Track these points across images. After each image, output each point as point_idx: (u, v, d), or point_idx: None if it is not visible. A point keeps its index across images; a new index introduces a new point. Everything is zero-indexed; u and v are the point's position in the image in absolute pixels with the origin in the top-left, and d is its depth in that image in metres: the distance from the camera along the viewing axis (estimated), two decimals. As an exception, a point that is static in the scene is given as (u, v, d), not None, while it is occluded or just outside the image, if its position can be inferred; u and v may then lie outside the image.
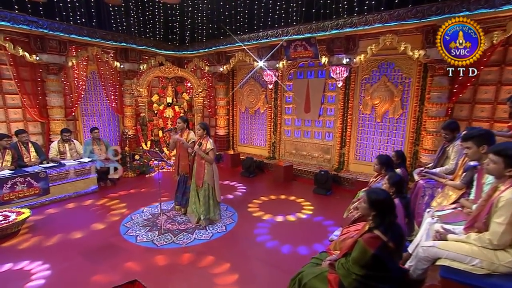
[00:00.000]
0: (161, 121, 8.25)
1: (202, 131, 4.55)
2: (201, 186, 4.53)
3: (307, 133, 7.60)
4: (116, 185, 6.54)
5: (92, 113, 7.84)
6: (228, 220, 4.92)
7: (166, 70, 8.11)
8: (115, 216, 5.02)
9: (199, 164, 4.54)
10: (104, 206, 5.43)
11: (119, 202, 5.61)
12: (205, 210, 4.62)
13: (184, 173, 4.89)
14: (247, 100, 8.62)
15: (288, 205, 5.63)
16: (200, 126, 4.56)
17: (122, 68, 7.78)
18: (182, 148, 4.78)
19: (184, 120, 4.78)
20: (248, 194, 6.28)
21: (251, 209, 5.35)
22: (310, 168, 7.24)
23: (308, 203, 5.73)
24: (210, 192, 4.61)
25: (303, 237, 4.35)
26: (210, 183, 4.55)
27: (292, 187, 6.78)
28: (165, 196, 5.81)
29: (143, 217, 5.03)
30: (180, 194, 5.00)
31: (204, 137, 4.56)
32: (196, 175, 4.57)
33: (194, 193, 4.68)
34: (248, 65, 8.11)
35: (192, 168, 4.67)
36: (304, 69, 7.46)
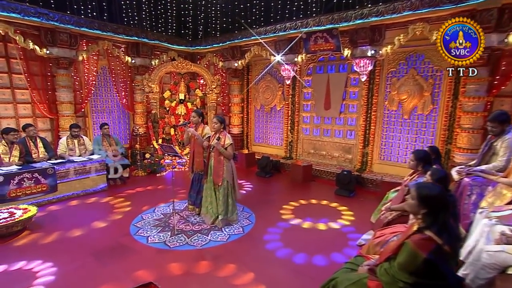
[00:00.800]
0: (172, 118, 8.15)
1: (220, 124, 4.37)
2: (220, 184, 4.34)
3: (327, 132, 7.38)
4: (126, 183, 6.43)
5: (102, 109, 7.76)
6: (245, 221, 4.71)
7: (178, 65, 8.01)
8: (124, 216, 4.87)
9: (217, 161, 4.35)
10: (113, 205, 5.30)
11: (129, 201, 5.47)
12: (224, 209, 4.43)
13: (199, 170, 4.71)
14: (263, 97, 8.43)
15: (309, 207, 5.41)
16: (217, 119, 4.37)
17: (133, 63, 7.69)
18: (197, 143, 4.62)
19: (199, 114, 4.60)
20: (265, 194, 6.08)
21: (269, 210, 5.14)
22: (330, 168, 7.01)
23: (337, 204, 5.46)
24: (229, 190, 4.43)
25: (326, 243, 4.09)
26: (229, 181, 4.38)
27: (312, 188, 6.56)
28: (177, 195, 5.65)
29: (155, 216, 4.86)
30: (194, 193, 4.83)
31: (221, 131, 4.40)
32: (214, 172, 4.38)
33: (210, 192, 4.50)
34: (264, 59, 7.97)
35: (208, 165, 4.47)
36: (324, 63, 7.24)
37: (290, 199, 5.70)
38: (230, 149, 4.26)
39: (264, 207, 5.27)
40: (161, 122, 7.91)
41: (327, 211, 5.18)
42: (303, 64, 7.43)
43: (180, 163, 7.73)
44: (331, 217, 4.93)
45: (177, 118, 8.13)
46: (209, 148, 4.42)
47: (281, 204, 5.41)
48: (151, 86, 7.77)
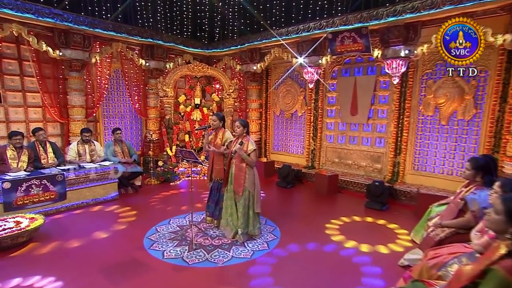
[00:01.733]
0: (187, 124, 8.03)
1: (242, 128, 4.18)
2: (241, 194, 4.12)
3: (353, 139, 7.09)
4: (138, 192, 6.29)
5: (114, 114, 7.69)
6: (269, 236, 4.41)
7: (194, 68, 7.87)
8: (137, 227, 4.63)
9: (239, 168, 4.12)
10: (124, 216, 5.10)
11: (142, 212, 5.28)
12: (244, 222, 4.18)
13: (218, 178, 4.52)
14: (283, 102, 8.22)
15: (341, 221, 5.10)
16: (240, 123, 4.18)
17: (147, 66, 7.62)
18: (217, 146, 4.44)
19: (220, 118, 4.43)
20: (288, 207, 5.81)
21: (295, 225, 4.83)
22: (357, 179, 6.69)
23: (373, 219, 5.07)
24: (251, 201, 4.18)
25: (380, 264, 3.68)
26: (251, 191, 4.13)
27: (339, 200, 6.26)
28: (195, 206, 5.43)
29: (170, 229, 4.60)
30: (213, 203, 4.60)
31: (244, 136, 4.20)
32: (235, 181, 4.15)
33: (230, 202, 4.26)
34: (285, 62, 7.81)
35: (229, 173, 4.25)
36: (350, 65, 6.98)
37: (318, 212, 5.45)
38: (253, 155, 4.06)
39: (289, 220, 4.99)
40: (175, 128, 7.78)
41: (369, 229, 4.83)
42: (328, 66, 7.19)
43: (195, 171, 7.60)
44: (378, 235, 4.55)
45: (193, 124, 7.98)
46: (230, 154, 4.22)
47: (308, 218, 5.17)
48: (166, 90, 7.63)
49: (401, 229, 4.72)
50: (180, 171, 7.42)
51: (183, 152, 4.14)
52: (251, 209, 4.20)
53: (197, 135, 7.99)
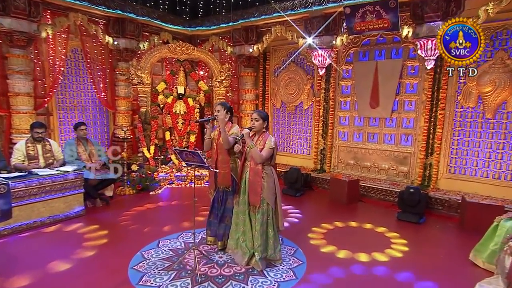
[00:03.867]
0: (169, 119, 7.56)
1: (262, 122, 3.75)
2: (257, 206, 3.69)
3: (373, 137, 6.89)
4: (109, 205, 5.73)
5: (73, 106, 7.17)
6: (292, 260, 3.96)
7: (177, 49, 7.38)
8: (116, 254, 4.01)
9: (255, 172, 3.69)
10: (94, 237, 4.49)
11: (117, 231, 4.71)
12: (262, 244, 3.73)
13: (224, 186, 4.05)
14: (285, 92, 7.98)
15: (367, 236, 4.81)
16: (259, 114, 3.76)
17: (116, 45, 7.14)
18: (221, 149, 3.99)
19: (228, 109, 3.98)
20: (306, 220, 5.41)
21: (317, 242, 4.52)
22: (379, 184, 6.44)
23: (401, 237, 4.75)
24: (271, 217, 3.76)
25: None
26: (270, 203, 3.71)
27: (362, 210, 6.00)
28: (181, 222, 4.97)
29: (161, 254, 4.04)
30: (216, 219, 4.14)
31: (263, 132, 3.80)
32: (250, 189, 3.72)
33: (243, 217, 3.84)
34: (287, 44, 7.63)
35: (241, 179, 3.81)
36: (370, 47, 6.69)
37: (344, 227, 5.09)
38: (266, 152, 3.63)
39: (307, 238, 4.67)
40: (153, 123, 7.30)
41: (416, 245, 4.50)
42: (341, 49, 6.90)
43: (179, 177, 7.14)
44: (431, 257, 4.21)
45: (175, 118, 7.50)
46: (244, 155, 3.78)
47: (318, 231, 4.88)
48: (141, 76, 7.11)
49: (456, 249, 4.43)
50: (160, 177, 6.98)
51: (184, 154, 3.59)
52: (270, 227, 3.77)
53: (181, 132, 7.55)
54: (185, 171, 7.22)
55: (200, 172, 7.16)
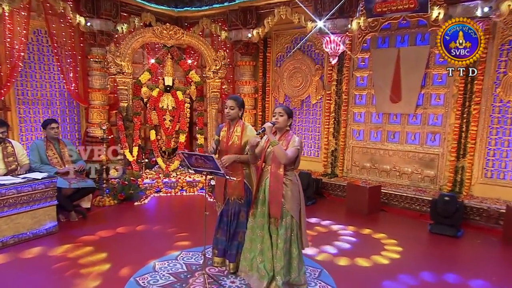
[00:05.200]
0: (154, 115, 7.40)
1: (286, 118, 3.61)
2: (279, 219, 3.53)
3: (394, 136, 6.85)
4: (86, 219, 5.53)
5: (36, 99, 6.97)
6: (318, 285, 3.78)
7: (163, 33, 7.17)
8: (105, 282, 3.72)
9: (276, 178, 3.52)
10: (75, 262, 4.18)
11: (102, 253, 4.43)
12: (285, 266, 3.56)
13: (235, 196, 3.89)
14: (289, 85, 7.93)
15: (401, 252, 4.66)
16: (284, 109, 3.64)
17: (89, 27, 6.90)
18: (232, 150, 3.87)
19: (240, 104, 3.92)
20: (322, 234, 5.31)
21: (343, 262, 4.39)
22: (402, 190, 6.40)
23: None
24: (295, 232, 3.59)
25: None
26: (294, 215, 3.56)
27: (385, 221, 5.93)
28: (176, 240, 4.81)
29: (160, 280, 3.76)
30: (224, 236, 3.99)
31: (287, 130, 3.65)
32: (271, 198, 3.54)
33: (260, 233, 3.66)
34: (293, 28, 7.55)
35: (259, 186, 3.64)
36: (390, 32, 6.62)
37: (371, 241, 4.99)
38: (292, 152, 3.46)
39: (335, 256, 4.56)
40: (136, 120, 7.13)
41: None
42: (356, 34, 6.74)
43: (168, 184, 6.97)
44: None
45: (162, 114, 7.36)
46: (263, 157, 3.62)
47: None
48: (120, 64, 6.88)
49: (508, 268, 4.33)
50: (145, 184, 6.81)
51: (193, 158, 3.42)
52: (294, 245, 3.60)
53: (168, 131, 7.39)
54: (174, 177, 7.07)
55: (193, 178, 6.99)
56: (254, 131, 3.94)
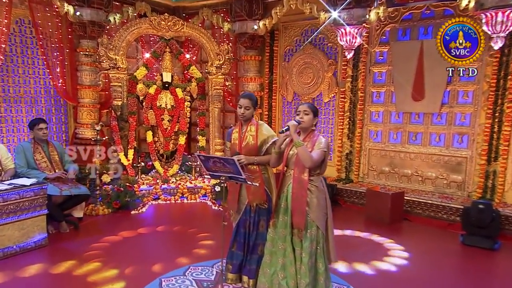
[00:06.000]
0: (151, 114, 7.41)
1: (312, 116, 3.54)
2: (303, 229, 3.46)
3: (416, 137, 6.84)
4: (78, 230, 5.50)
5: (18, 96, 6.95)
6: None
7: (161, 24, 7.19)
8: None
9: (299, 184, 3.46)
10: (70, 280, 4.11)
11: (103, 267, 4.37)
12: (311, 283, 3.48)
13: (257, 203, 3.85)
14: (299, 82, 7.93)
15: (434, 268, 4.59)
16: (309, 107, 3.56)
17: (78, 17, 6.79)
18: (247, 151, 3.82)
19: (254, 102, 3.90)
20: (347, 246, 5.21)
21: (372, 277, 4.34)
22: (426, 197, 6.36)
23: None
24: (321, 245, 3.51)
25: None
26: (320, 226, 3.48)
27: (411, 232, 5.88)
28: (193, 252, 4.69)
29: None
30: (240, 250, 3.94)
31: (312, 130, 3.59)
32: (294, 206, 3.46)
33: (282, 245, 3.58)
34: (303, 20, 7.59)
35: (281, 193, 3.57)
36: (412, 23, 6.59)
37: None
38: (317, 154, 3.40)
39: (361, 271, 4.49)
40: (131, 120, 7.11)
41: None
42: (374, 26, 6.76)
43: (166, 190, 6.94)
44: None
45: (160, 114, 7.36)
46: (285, 160, 3.55)
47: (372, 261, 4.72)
48: (113, 59, 6.83)
49: None
50: (142, 191, 6.74)
51: (211, 162, 3.35)
52: (320, 259, 3.52)
53: (167, 132, 7.37)
54: (173, 183, 7.04)
55: (194, 184, 6.95)
56: (270, 130, 3.93)
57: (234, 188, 3.87)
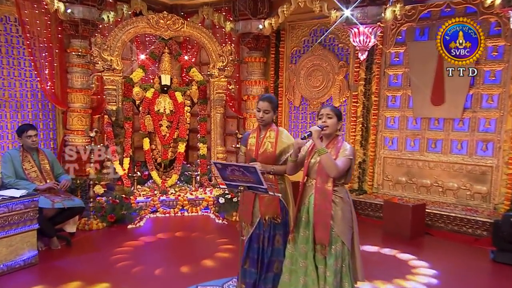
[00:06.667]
0: (148, 120, 7.40)
1: (336, 121, 3.51)
2: (327, 245, 3.40)
3: (435, 144, 6.80)
4: (71, 247, 5.42)
5: (3, 100, 6.91)
6: None
7: (160, 23, 7.23)
8: None
9: (323, 195, 3.42)
10: None
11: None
12: None
13: (271, 216, 3.77)
14: (307, 85, 7.94)
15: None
16: (333, 110, 3.53)
17: (69, 14, 6.75)
18: (264, 159, 3.79)
19: (274, 106, 3.88)
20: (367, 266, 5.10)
21: None
22: (448, 210, 6.32)
23: None
24: (346, 263, 3.45)
25: None
26: (346, 242, 3.43)
27: (436, 247, 5.79)
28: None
29: None
30: (254, 267, 3.85)
31: (336, 136, 3.57)
32: (317, 219, 3.42)
33: (304, 262, 3.52)
34: (311, 19, 7.60)
35: (301, 205, 3.54)
36: (431, 21, 6.59)
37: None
38: (342, 162, 3.37)
39: None
40: (127, 125, 7.11)
41: None
42: (390, 25, 6.79)
43: (165, 203, 6.88)
44: None
45: (158, 120, 7.32)
46: (306, 168, 3.53)
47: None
48: (108, 60, 6.88)
49: None
50: (138, 203, 6.69)
51: (229, 170, 3.29)
52: (346, 278, 3.46)
53: (165, 139, 7.40)
54: (172, 194, 6.99)
55: (195, 195, 6.94)
56: (291, 138, 3.90)
57: (248, 199, 3.81)
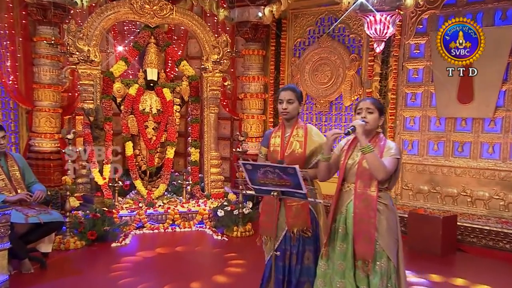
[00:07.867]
0: (132, 121, 7.39)
1: (377, 116, 3.47)
2: (371, 261, 3.32)
3: (462, 148, 6.84)
4: (46, 270, 5.23)
5: None
6: None
7: (145, 8, 7.15)
8: None
9: (364, 202, 3.38)
10: None
11: None
12: None
13: (300, 228, 3.73)
14: (313, 81, 8.04)
15: None
16: (374, 103, 3.50)
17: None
18: (292, 161, 3.62)
19: (300, 96, 3.86)
20: None
21: None
22: (483, 223, 6.29)
23: None
24: (393, 281, 3.40)
25: None
26: (391, 256, 3.37)
27: (473, 267, 5.77)
28: None
29: None
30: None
31: (377, 133, 3.52)
32: (357, 230, 3.37)
33: (341, 282, 3.44)
34: (317, 6, 7.81)
35: (336, 214, 3.47)
36: (456, 8, 6.64)
37: None
38: (389, 163, 3.34)
39: None
40: (107, 127, 7.05)
41: None
42: (409, 13, 6.80)
43: (153, 217, 6.80)
44: None
45: (143, 120, 7.34)
46: (343, 171, 3.47)
47: None
48: (84, 50, 6.74)
49: None
50: (121, 218, 6.61)
51: (261, 171, 3.23)
52: None
53: (152, 143, 7.39)
54: (161, 207, 6.91)
55: (187, 208, 6.89)
56: (322, 136, 3.85)
57: (270, 207, 3.68)
